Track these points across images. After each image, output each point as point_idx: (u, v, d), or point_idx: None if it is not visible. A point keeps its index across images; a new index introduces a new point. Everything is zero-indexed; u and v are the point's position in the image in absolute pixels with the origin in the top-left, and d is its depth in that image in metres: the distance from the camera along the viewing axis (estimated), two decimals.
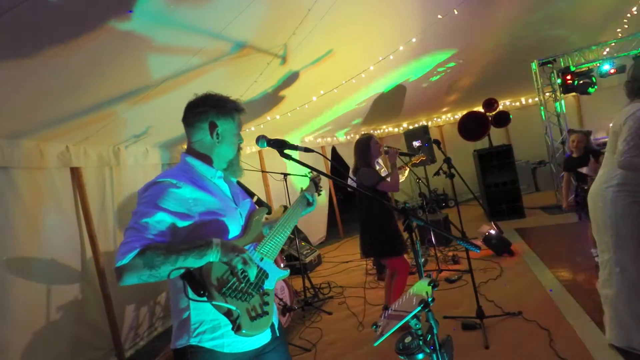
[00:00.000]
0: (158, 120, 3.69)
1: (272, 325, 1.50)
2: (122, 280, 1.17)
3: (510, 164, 7.05)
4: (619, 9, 6.15)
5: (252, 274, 1.31)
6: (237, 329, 1.25)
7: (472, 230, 5.28)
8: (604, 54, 6.94)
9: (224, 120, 1.49)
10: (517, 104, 9.18)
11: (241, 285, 1.31)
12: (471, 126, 7.38)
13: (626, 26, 6.61)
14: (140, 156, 4.13)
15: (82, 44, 2.20)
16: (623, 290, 2.41)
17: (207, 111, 1.47)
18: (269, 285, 1.42)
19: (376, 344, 1.22)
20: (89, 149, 3.51)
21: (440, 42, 5.13)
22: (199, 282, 1.24)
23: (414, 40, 4.58)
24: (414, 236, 1.50)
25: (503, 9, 5.19)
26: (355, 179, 3.41)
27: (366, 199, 3.43)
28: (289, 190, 4.69)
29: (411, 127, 8.08)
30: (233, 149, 1.53)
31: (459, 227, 3.29)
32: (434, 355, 1.26)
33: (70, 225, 3.41)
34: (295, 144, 1.56)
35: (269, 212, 1.63)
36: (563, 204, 4.48)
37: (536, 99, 7.61)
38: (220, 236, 1.35)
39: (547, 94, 7.26)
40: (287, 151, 1.58)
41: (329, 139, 7.65)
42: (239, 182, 1.66)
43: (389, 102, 6.85)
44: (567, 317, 3.10)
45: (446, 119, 9.52)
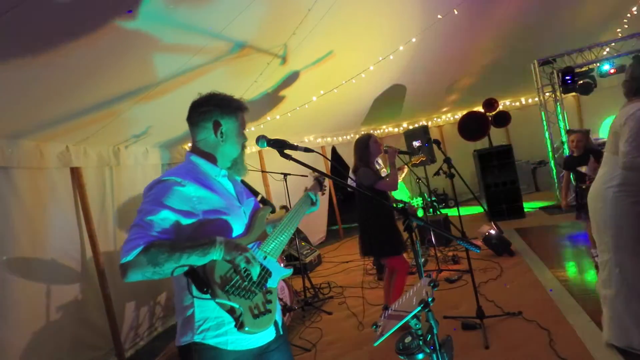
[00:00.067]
0: (158, 120, 3.69)
1: (276, 324, 1.50)
2: (126, 276, 1.19)
3: (510, 164, 7.04)
4: (619, 9, 6.15)
5: (254, 272, 1.32)
6: (240, 326, 1.26)
7: (472, 230, 5.28)
8: (604, 54, 6.94)
9: (227, 119, 1.49)
10: (517, 104, 9.16)
11: (244, 283, 1.32)
12: (471, 126, 7.38)
13: (626, 26, 6.61)
14: (140, 156, 4.12)
15: (82, 44, 2.20)
16: (622, 290, 2.41)
17: (211, 110, 1.48)
18: (272, 284, 1.43)
19: (376, 344, 1.22)
20: (89, 149, 3.51)
21: (440, 42, 5.13)
22: (202, 280, 1.25)
23: (414, 40, 4.58)
24: (414, 236, 1.50)
25: (503, 8, 5.19)
26: (355, 178, 3.41)
27: (365, 198, 3.43)
28: (289, 190, 4.69)
29: (411, 127, 8.07)
30: (237, 148, 1.54)
31: (459, 227, 3.29)
32: (434, 355, 1.26)
33: (70, 225, 3.41)
34: (295, 144, 1.56)
35: (273, 210, 1.64)
36: (562, 203, 4.48)
37: (536, 99, 7.61)
38: (224, 234, 1.36)
39: (547, 94, 7.26)
40: (287, 151, 1.58)
41: (329, 139, 7.64)
42: (243, 181, 1.66)
43: (389, 102, 6.84)
44: (567, 317, 3.10)
45: (446, 119, 9.51)
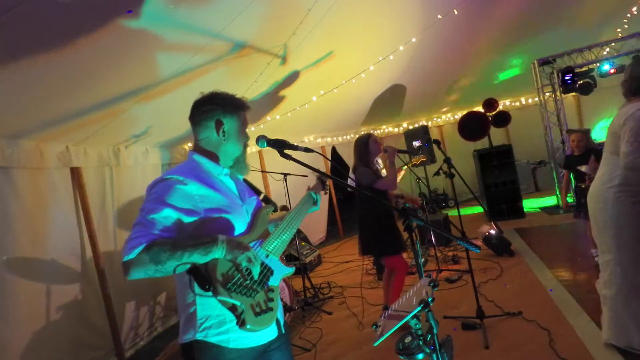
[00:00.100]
0: (158, 120, 3.69)
1: (278, 322, 1.51)
2: (128, 274, 1.20)
3: (510, 164, 7.04)
4: (619, 9, 6.15)
5: (255, 271, 1.33)
6: (241, 323, 1.27)
7: (472, 230, 5.28)
8: (604, 54, 6.94)
9: (230, 117, 1.50)
10: (517, 104, 9.17)
11: (246, 281, 1.33)
12: (471, 126, 7.38)
13: (626, 26, 6.61)
14: (140, 156, 4.12)
15: (81, 44, 2.20)
16: (622, 290, 2.41)
17: (213, 109, 1.48)
18: (273, 282, 1.44)
19: (376, 344, 1.21)
20: (89, 149, 3.51)
21: (440, 42, 5.13)
22: (204, 278, 1.26)
23: (414, 40, 4.58)
24: (414, 236, 1.50)
25: (503, 8, 5.19)
26: (354, 178, 3.41)
27: (364, 197, 3.43)
28: (289, 190, 4.69)
29: (411, 127, 8.07)
30: (239, 147, 1.55)
31: (459, 227, 3.29)
32: (434, 355, 1.26)
33: (70, 225, 3.41)
34: (295, 144, 1.56)
35: (275, 209, 1.65)
36: (562, 202, 4.48)
37: (536, 99, 7.61)
38: (226, 233, 1.37)
39: (547, 94, 7.26)
40: (287, 151, 1.58)
41: (329, 139, 7.63)
42: (245, 180, 1.67)
43: (389, 102, 6.84)
44: (567, 317, 3.10)
45: (446, 119, 9.51)
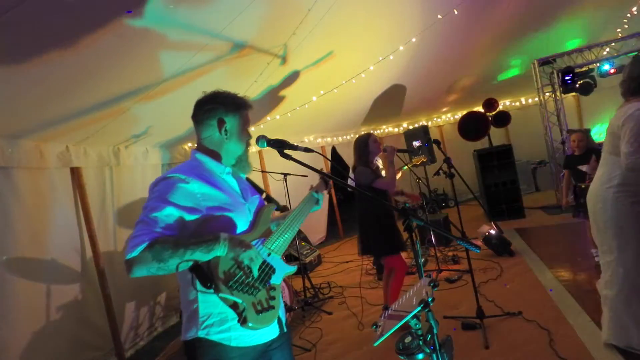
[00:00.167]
0: (158, 120, 3.68)
1: (280, 321, 1.53)
2: (131, 272, 1.21)
3: (510, 164, 7.04)
4: (619, 9, 6.15)
5: (255, 269, 1.34)
6: (243, 321, 1.28)
7: (472, 230, 5.28)
8: (604, 54, 6.94)
9: (232, 116, 1.51)
10: (517, 104, 9.17)
11: (247, 279, 1.33)
12: (471, 126, 7.37)
13: (626, 26, 6.61)
14: (140, 156, 4.12)
15: (82, 44, 2.20)
16: (623, 290, 2.41)
17: (215, 108, 1.49)
18: (275, 280, 1.45)
19: (376, 344, 1.21)
20: (89, 149, 3.50)
21: (440, 42, 5.13)
22: (206, 275, 1.27)
23: (414, 40, 4.58)
24: (414, 236, 1.50)
25: (503, 8, 5.19)
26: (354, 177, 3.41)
27: (364, 197, 3.43)
28: (289, 190, 4.69)
29: (411, 127, 8.07)
30: (241, 145, 1.55)
31: (459, 227, 3.29)
32: (434, 355, 1.26)
33: (70, 225, 3.41)
34: (295, 144, 1.57)
35: (278, 208, 1.65)
36: (562, 201, 4.48)
37: (536, 99, 7.61)
38: (228, 231, 1.37)
39: (547, 94, 7.26)
40: (287, 151, 1.58)
41: (329, 139, 7.63)
42: (248, 179, 1.68)
43: (389, 102, 6.84)
44: (567, 317, 3.10)
45: (446, 119, 9.51)
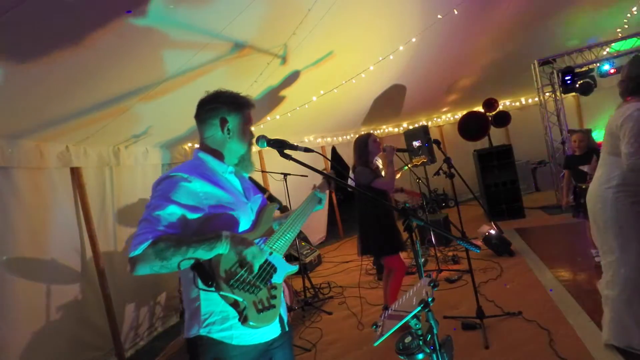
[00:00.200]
0: (158, 120, 3.68)
1: (282, 320, 1.53)
2: (135, 270, 1.22)
3: (510, 164, 7.03)
4: (619, 9, 6.15)
5: (257, 266, 1.34)
6: (243, 320, 1.28)
7: (472, 230, 5.28)
8: (604, 54, 6.94)
9: (234, 116, 1.51)
10: (517, 104, 9.16)
11: (249, 277, 1.34)
12: (471, 126, 7.37)
13: (626, 26, 6.61)
14: (140, 156, 4.12)
15: (82, 44, 2.20)
16: (625, 290, 2.40)
17: (218, 107, 1.50)
18: (277, 279, 1.46)
19: (376, 344, 1.21)
20: (89, 149, 3.50)
21: (440, 42, 5.13)
22: (207, 273, 1.28)
23: (414, 40, 4.58)
24: (414, 236, 1.50)
25: (503, 8, 5.19)
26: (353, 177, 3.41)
27: (363, 197, 3.43)
28: (289, 190, 4.69)
29: (411, 127, 8.06)
30: (244, 145, 1.56)
31: (459, 227, 3.29)
32: (434, 355, 1.26)
33: (70, 225, 3.41)
34: (295, 144, 1.57)
35: (280, 207, 1.66)
36: (563, 201, 4.48)
37: (536, 99, 7.61)
38: (230, 230, 1.38)
39: (547, 94, 7.26)
40: (287, 151, 1.59)
41: (329, 139, 7.63)
42: (251, 178, 1.69)
43: (389, 102, 6.84)
44: (567, 317, 3.10)
45: (446, 119, 9.50)
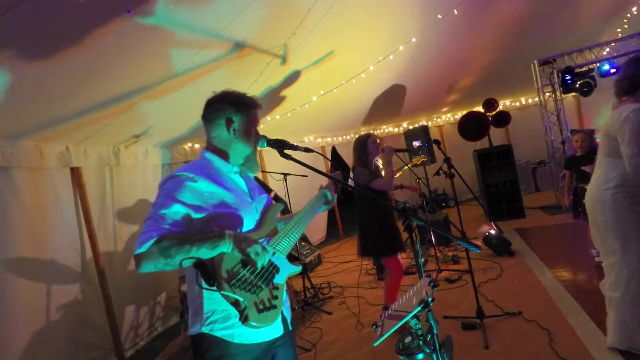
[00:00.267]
0: (158, 120, 3.68)
1: (284, 320, 1.53)
2: (140, 267, 1.23)
3: (510, 164, 7.03)
4: (619, 9, 6.15)
5: (260, 264, 1.34)
6: (244, 319, 1.28)
7: (472, 230, 5.28)
8: (604, 54, 6.94)
9: (240, 116, 1.52)
10: (517, 104, 9.17)
11: (250, 277, 1.34)
12: (471, 126, 7.37)
13: (626, 26, 6.61)
14: (140, 156, 4.11)
15: (83, 44, 2.20)
16: (630, 291, 2.40)
17: (224, 107, 1.51)
18: (279, 280, 1.47)
19: (376, 344, 1.22)
20: (89, 149, 3.50)
21: (440, 42, 5.13)
22: (210, 272, 1.28)
23: (414, 40, 4.58)
24: (414, 236, 1.50)
25: (503, 8, 5.19)
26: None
27: (363, 197, 3.42)
28: (289, 190, 4.69)
29: (411, 127, 8.06)
30: (249, 145, 1.56)
31: (459, 227, 3.29)
32: (434, 355, 1.26)
33: (70, 225, 3.41)
34: (295, 144, 1.57)
35: (285, 207, 1.66)
36: (563, 201, 4.47)
37: (536, 99, 7.61)
38: (234, 229, 1.39)
39: (547, 94, 7.26)
40: (287, 151, 1.59)
41: (329, 139, 7.63)
42: (256, 178, 1.69)
43: (389, 102, 6.84)
44: (567, 317, 3.10)
45: (446, 119, 9.51)
